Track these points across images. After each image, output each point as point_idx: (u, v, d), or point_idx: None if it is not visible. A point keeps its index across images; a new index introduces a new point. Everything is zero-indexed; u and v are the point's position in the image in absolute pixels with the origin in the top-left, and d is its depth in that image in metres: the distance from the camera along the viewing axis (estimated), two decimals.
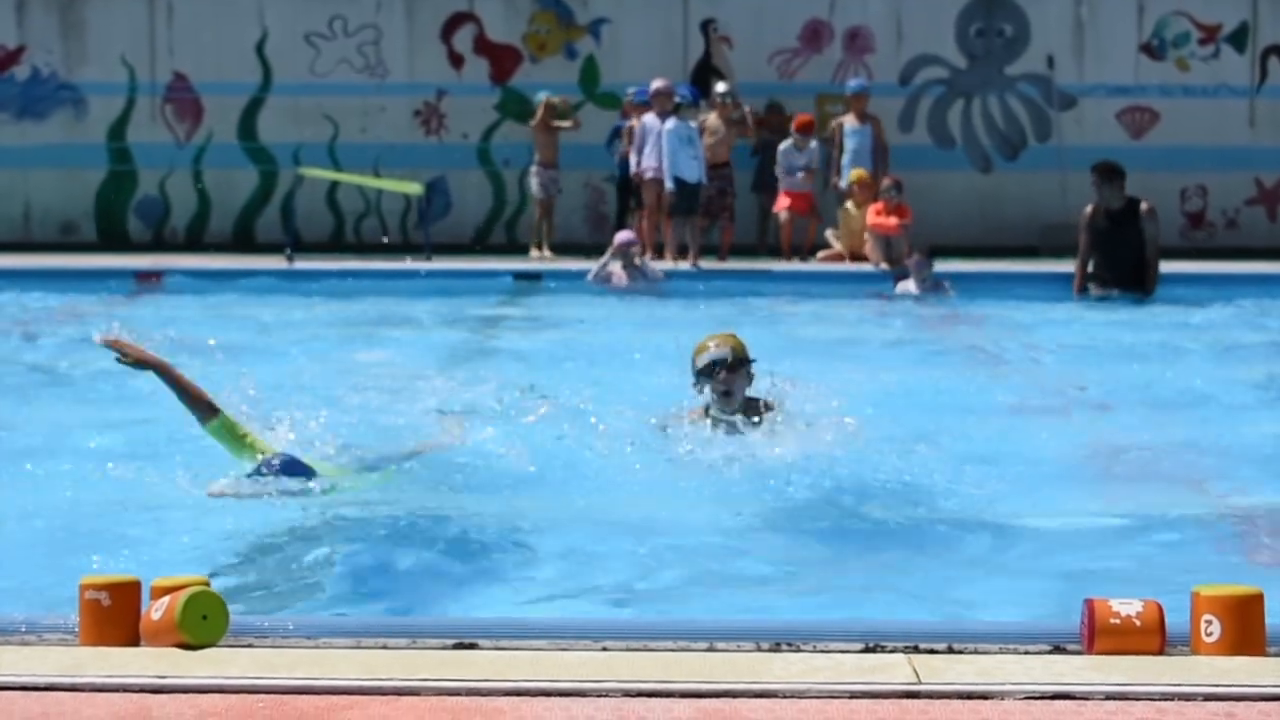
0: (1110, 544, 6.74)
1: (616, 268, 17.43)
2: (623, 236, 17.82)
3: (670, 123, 18.96)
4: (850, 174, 19.93)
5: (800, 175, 19.93)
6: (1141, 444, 9.20)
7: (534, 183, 20.51)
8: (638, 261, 17.69)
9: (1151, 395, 11.06)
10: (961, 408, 10.46)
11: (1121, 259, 16.64)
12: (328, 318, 15.76)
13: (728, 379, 8.17)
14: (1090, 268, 16.81)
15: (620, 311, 16.31)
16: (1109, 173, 16.78)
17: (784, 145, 20.09)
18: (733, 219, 20.16)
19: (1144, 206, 16.77)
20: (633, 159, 19.37)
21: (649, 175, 19.25)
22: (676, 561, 6.43)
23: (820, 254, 19.98)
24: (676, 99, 19.15)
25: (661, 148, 18.98)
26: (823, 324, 15.65)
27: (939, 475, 8.02)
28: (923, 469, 8.10)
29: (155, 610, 4.23)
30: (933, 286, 17.47)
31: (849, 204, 19.85)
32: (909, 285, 17.59)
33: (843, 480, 7.60)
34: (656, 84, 19.58)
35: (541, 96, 20.54)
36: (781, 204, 20.00)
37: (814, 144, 20.04)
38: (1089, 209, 16.89)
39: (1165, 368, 12.50)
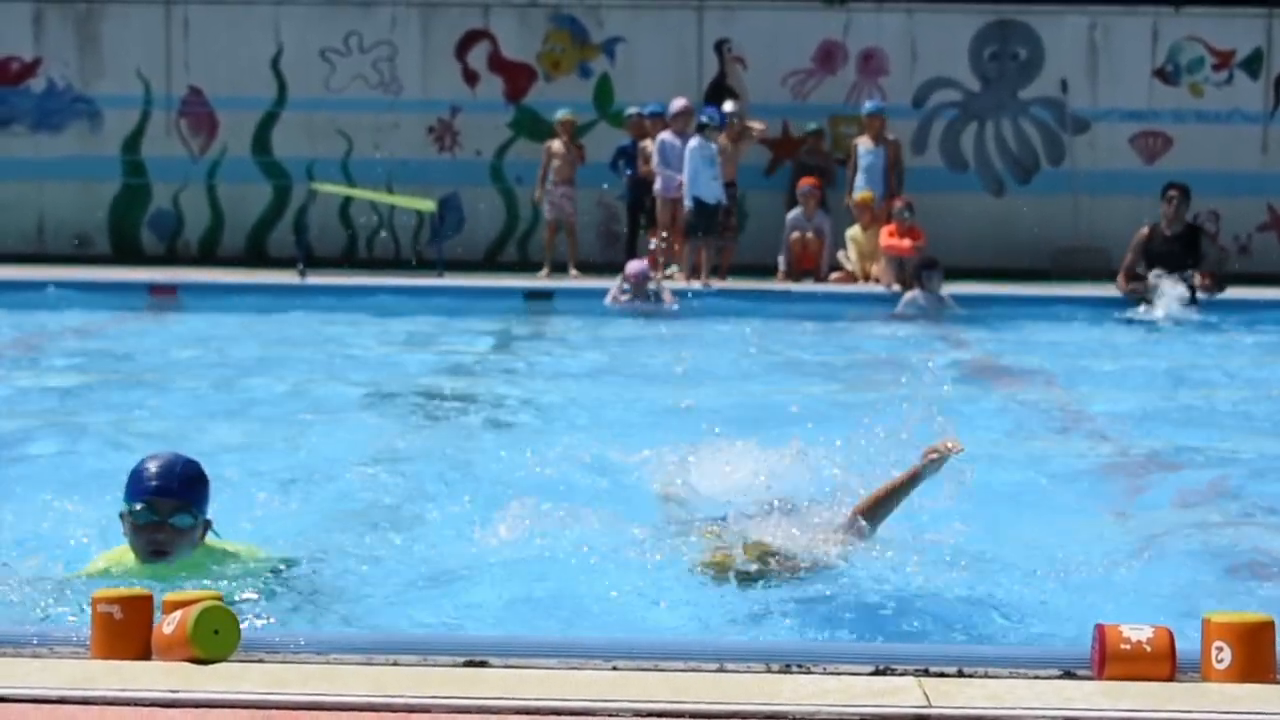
0: (1121, 569, 6.74)
1: (627, 296, 17.46)
2: (634, 268, 17.80)
3: (694, 142, 19.05)
4: (856, 196, 19.95)
5: (810, 235, 19.94)
6: (1154, 468, 9.20)
7: (545, 202, 20.44)
8: (653, 284, 17.70)
9: (1165, 420, 11.06)
10: (971, 431, 10.45)
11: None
12: (338, 334, 15.78)
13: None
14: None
15: (631, 331, 16.32)
16: (1188, 193, 17.00)
17: (793, 214, 20.09)
18: (735, 237, 20.26)
19: (1207, 231, 16.95)
20: (658, 177, 19.44)
21: (671, 194, 19.35)
22: (687, 582, 6.43)
23: (832, 275, 19.99)
24: (703, 118, 19.22)
25: (682, 167, 19.06)
26: (830, 346, 15.66)
27: (948, 498, 8.02)
28: (931, 492, 8.09)
29: (167, 624, 4.24)
30: (937, 300, 17.57)
31: (855, 228, 19.86)
32: (915, 295, 17.67)
33: (850, 504, 7.58)
34: (678, 103, 19.64)
35: (562, 114, 20.49)
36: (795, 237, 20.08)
37: (822, 214, 20.06)
38: (1145, 230, 17.03)
39: (1178, 392, 12.50)
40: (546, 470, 8.69)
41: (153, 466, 5.99)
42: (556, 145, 20.38)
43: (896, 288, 18.61)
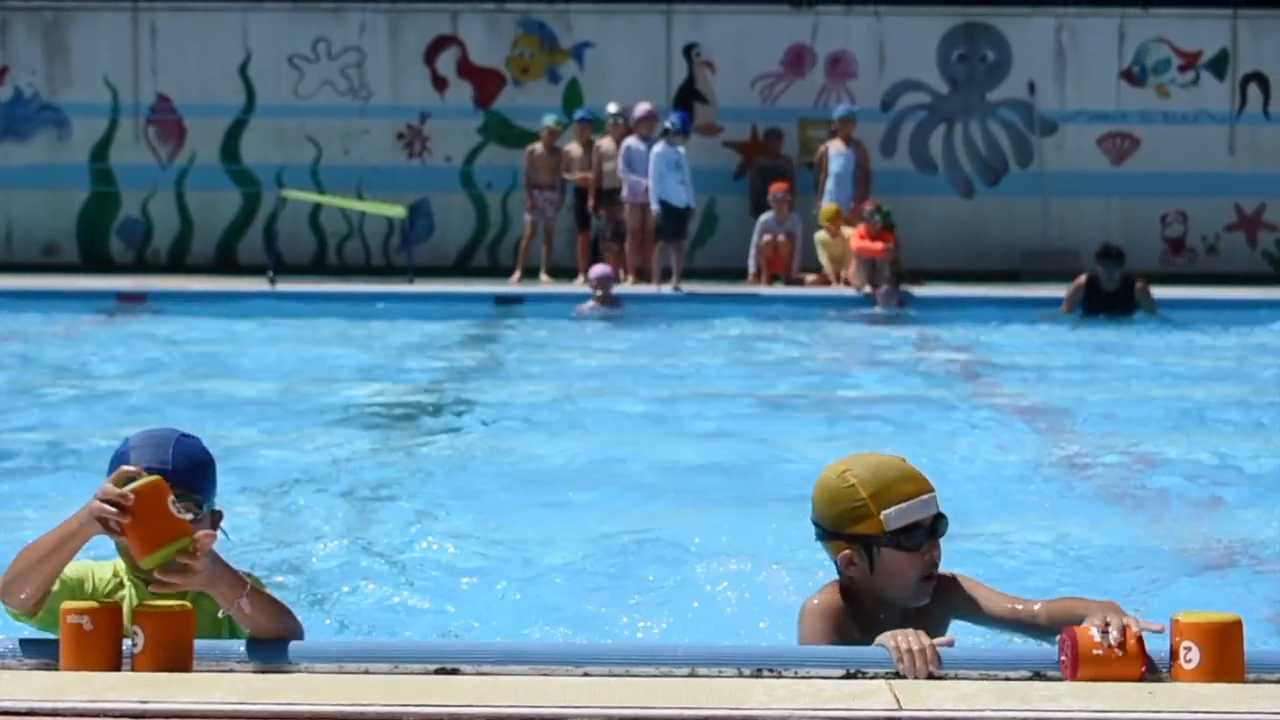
0: (1091, 570, 6.76)
1: (591, 304, 17.50)
2: (597, 271, 17.84)
3: (659, 147, 19.09)
4: (822, 209, 19.90)
5: (782, 238, 19.97)
6: (1122, 468, 9.23)
7: (529, 206, 20.35)
8: (621, 283, 17.76)
9: (1132, 420, 11.10)
10: (942, 432, 10.49)
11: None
12: (308, 341, 15.75)
13: (936, 549, 4.76)
14: None
15: (601, 337, 16.33)
16: (1121, 255, 16.93)
17: (765, 217, 20.09)
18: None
19: (1139, 285, 16.91)
20: (625, 183, 19.44)
21: (638, 200, 19.38)
22: (657, 586, 6.44)
23: (808, 278, 20.01)
24: (665, 124, 19.27)
25: (648, 172, 19.10)
26: (799, 347, 15.69)
27: None
28: None
29: (136, 642, 4.21)
30: (895, 310, 17.78)
31: (824, 233, 19.88)
32: (875, 310, 17.92)
33: None
34: (642, 108, 19.67)
35: (548, 121, 20.38)
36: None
37: (794, 217, 20.08)
38: (1083, 278, 17.01)
39: (1146, 393, 12.54)
40: (517, 476, 8.69)
41: (140, 448, 4.48)
42: (539, 150, 20.31)
43: (868, 289, 18.66)
